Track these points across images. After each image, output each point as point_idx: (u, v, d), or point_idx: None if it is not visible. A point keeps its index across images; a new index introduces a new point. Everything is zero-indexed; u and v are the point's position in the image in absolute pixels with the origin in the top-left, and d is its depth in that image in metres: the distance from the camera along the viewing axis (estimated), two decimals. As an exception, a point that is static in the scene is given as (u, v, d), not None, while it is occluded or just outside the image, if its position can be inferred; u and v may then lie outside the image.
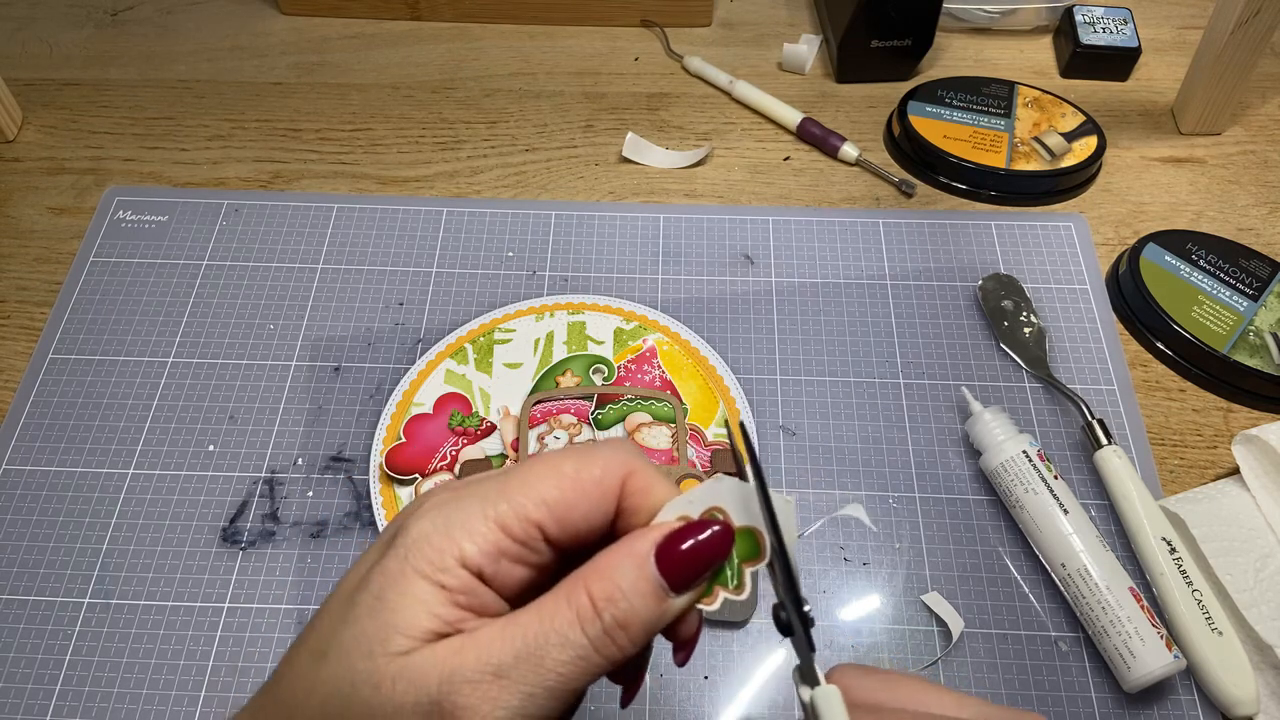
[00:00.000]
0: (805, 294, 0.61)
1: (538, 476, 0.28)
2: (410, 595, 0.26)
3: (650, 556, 0.27)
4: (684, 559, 0.28)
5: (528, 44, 0.77)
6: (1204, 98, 0.69)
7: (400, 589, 0.27)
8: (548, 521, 0.28)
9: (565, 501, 0.28)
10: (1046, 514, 0.49)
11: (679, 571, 0.28)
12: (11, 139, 0.71)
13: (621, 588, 0.27)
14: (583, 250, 0.63)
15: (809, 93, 0.74)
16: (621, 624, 0.27)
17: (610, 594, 0.27)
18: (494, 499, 0.28)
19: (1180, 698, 0.47)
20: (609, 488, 0.29)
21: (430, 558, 0.27)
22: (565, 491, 0.28)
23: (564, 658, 0.26)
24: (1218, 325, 0.58)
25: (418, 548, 0.27)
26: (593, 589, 0.27)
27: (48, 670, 0.48)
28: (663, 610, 0.28)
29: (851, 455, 0.55)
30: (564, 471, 0.28)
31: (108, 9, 0.80)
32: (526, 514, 0.27)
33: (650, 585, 0.27)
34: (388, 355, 0.59)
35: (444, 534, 0.27)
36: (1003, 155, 0.67)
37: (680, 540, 0.28)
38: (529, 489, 0.28)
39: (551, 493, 0.28)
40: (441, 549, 0.27)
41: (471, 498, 0.28)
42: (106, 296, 0.61)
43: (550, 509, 0.28)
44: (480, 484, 0.28)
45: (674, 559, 0.27)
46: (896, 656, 0.49)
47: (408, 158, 0.69)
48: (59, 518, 0.53)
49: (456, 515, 0.27)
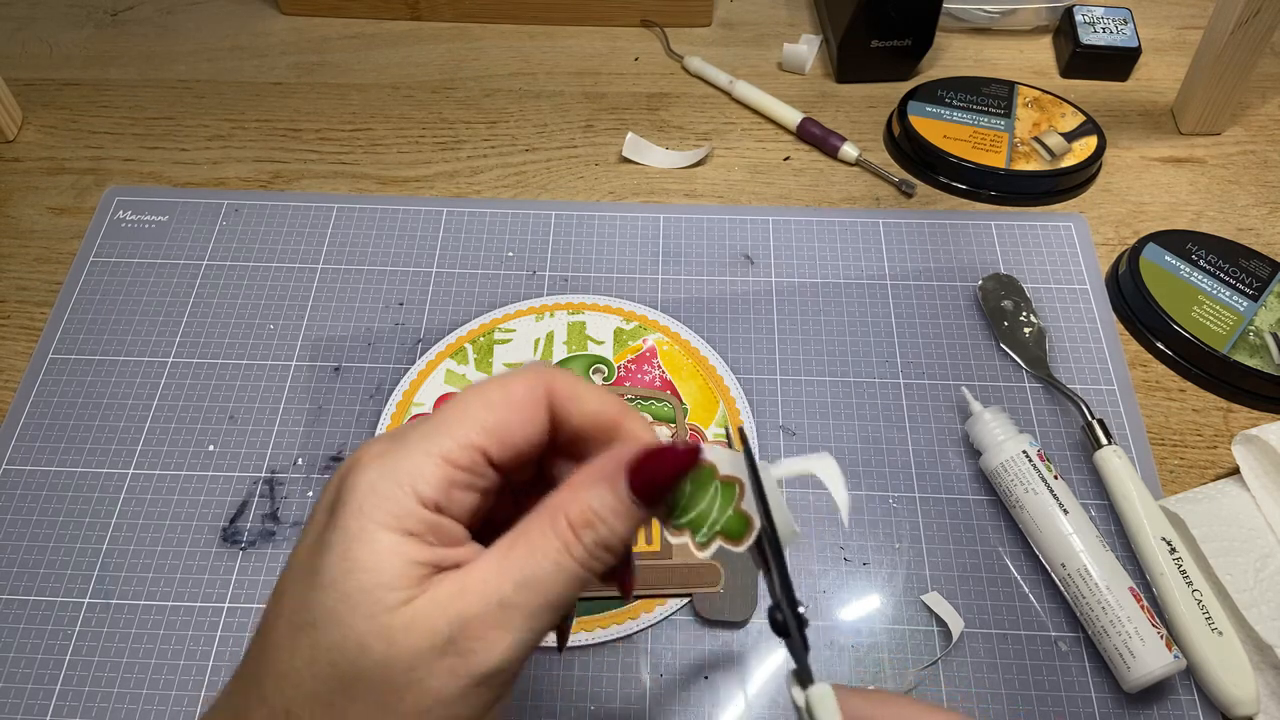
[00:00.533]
0: (805, 294, 0.61)
1: (469, 406, 0.29)
2: (381, 548, 0.27)
3: (621, 474, 0.29)
4: (651, 471, 0.29)
5: (528, 44, 0.77)
6: (1204, 98, 0.69)
7: (368, 545, 0.27)
8: (490, 445, 0.29)
9: (502, 422, 0.29)
10: (1046, 514, 0.49)
11: (648, 485, 0.29)
12: (11, 139, 0.71)
13: (597, 511, 0.28)
14: (583, 250, 0.63)
15: (809, 93, 0.74)
16: (602, 544, 0.28)
17: (587, 518, 0.28)
18: (434, 436, 0.29)
19: (1180, 698, 0.47)
20: (538, 398, 0.30)
21: (387, 508, 0.27)
22: (499, 413, 0.29)
23: (559, 579, 0.28)
24: (1218, 325, 0.58)
25: (371, 501, 0.28)
26: (570, 514, 0.28)
27: (48, 670, 0.48)
28: (635, 522, 0.29)
29: (851, 455, 0.55)
30: (492, 397, 0.29)
31: (108, 9, 0.80)
32: (470, 441, 0.28)
33: (624, 504, 0.29)
34: (388, 355, 0.59)
35: (393, 481, 0.28)
36: (1003, 155, 0.67)
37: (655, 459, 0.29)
38: (466, 419, 0.29)
39: (487, 417, 0.29)
40: (395, 496, 0.28)
41: (410, 441, 0.29)
42: (106, 296, 0.61)
43: (489, 432, 0.29)
44: (414, 428, 0.29)
45: (642, 473, 0.29)
46: (896, 656, 0.49)
47: (408, 158, 0.69)
48: (59, 518, 0.53)
49: (402, 461, 0.28)
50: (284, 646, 0.28)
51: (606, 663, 0.48)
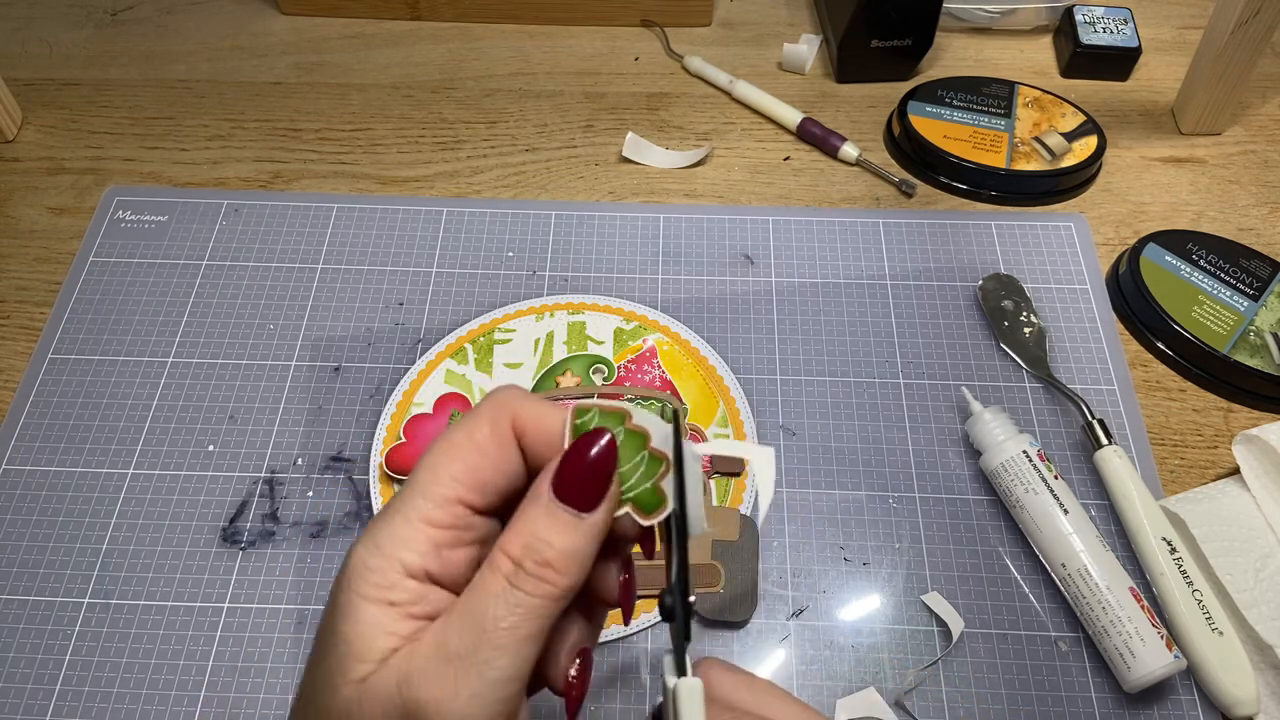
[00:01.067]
0: (805, 294, 0.61)
1: (436, 460, 0.28)
2: (362, 622, 0.27)
3: (548, 492, 0.28)
4: (577, 478, 0.28)
5: (528, 44, 0.77)
6: (1204, 98, 0.69)
7: (351, 619, 0.27)
8: (468, 495, 0.28)
9: (472, 469, 0.28)
10: (1046, 514, 0.49)
11: (577, 492, 0.28)
12: (11, 139, 0.71)
13: (533, 533, 0.27)
14: (583, 250, 0.63)
15: (809, 93, 0.74)
16: (545, 563, 0.27)
17: (525, 542, 0.27)
18: (412, 500, 0.28)
19: (1180, 698, 0.47)
20: (504, 436, 0.29)
21: (373, 580, 0.27)
22: (468, 459, 0.28)
23: (502, 613, 0.27)
24: (1218, 325, 0.58)
25: (359, 575, 0.27)
26: (508, 547, 0.27)
27: (48, 670, 0.48)
28: (583, 533, 0.28)
29: (851, 455, 0.55)
30: (457, 442, 0.29)
31: (108, 9, 0.80)
32: (445, 497, 0.28)
33: (559, 519, 0.28)
34: (388, 355, 0.59)
35: (378, 554, 0.27)
36: (1003, 155, 0.67)
37: (569, 463, 0.28)
38: (436, 474, 0.28)
39: (456, 467, 0.28)
40: (381, 568, 0.27)
41: (391, 511, 0.28)
42: (106, 296, 0.61)
43: (463, 483, 0.28)
44: (397, 494, 0.29)
45: (569, 483, 0.28)
46: (896, 656, 0.49)
47: (408, 158, 0.69)
48: (59, 518, 0.53)
49: (384, 531, 0.28)
50: None
51: (606, 663, 0.48)
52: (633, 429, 0.29)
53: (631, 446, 0.29)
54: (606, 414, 0.30)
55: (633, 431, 0.29)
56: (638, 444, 0.29)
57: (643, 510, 0.29)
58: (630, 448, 0.29)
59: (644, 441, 0.30)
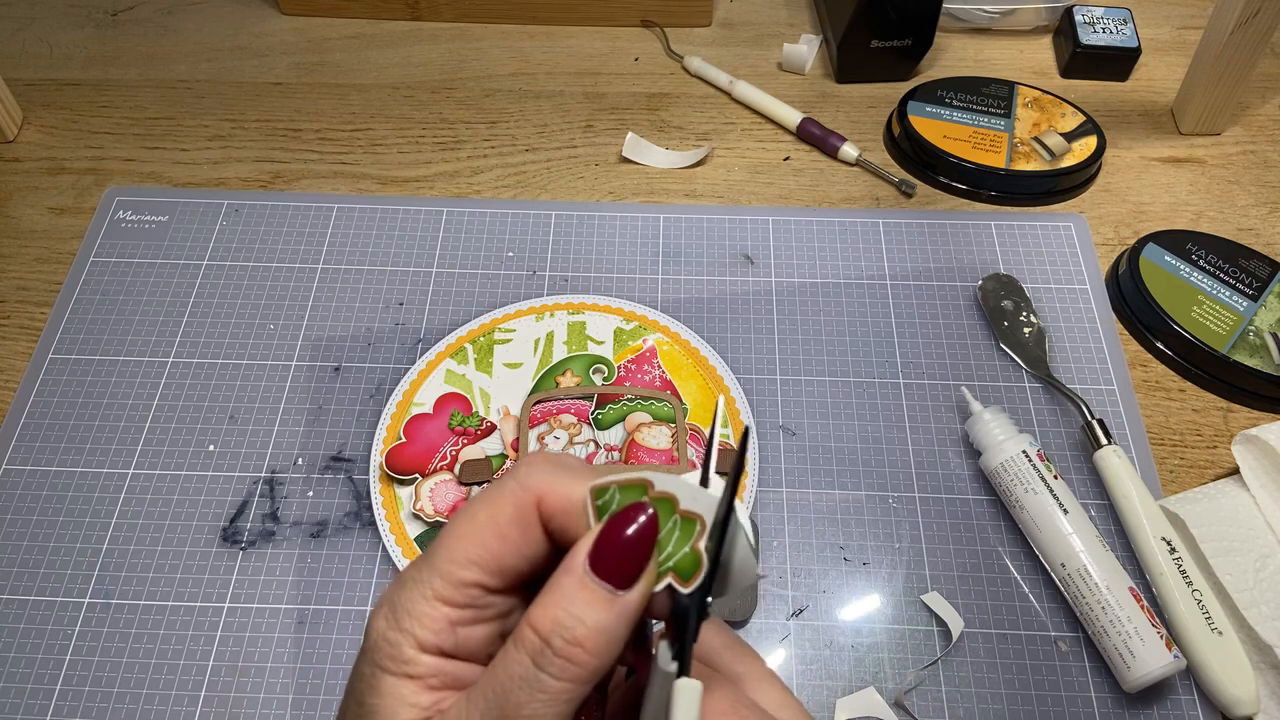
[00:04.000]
0: (805, 294, 0.61)
1: (456, 538, 0.28)
2: (385, 695, 0.27)
3: (583, 564, 0.27)
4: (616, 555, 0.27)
5: (528, 44, 0.77)
6: (1204, 98, 0.69)
7: (376, 691, 0.27)
8: (483, 577, 0.27)
9: (490, 552, 0.27)
10: (1046, 514, 0.49)
11: (616, 569, 0.27)
12: (11, 139, 0.71)
13: (564, 607, 0.26)
14: (583, 250, 0.63)
15: (809, 93, 0.74)
16: (574, 642, 0.26)
17: (555, 618, 0.26)
18: (426, 577, 0.27)
19: (1180, 698, 0.47)
20: (527, 520, 0.28)
21: (390, 654, 0.27)
22: (487, 543, 0.27)
23: (528, 699, 0.26)
24: (1218, 325, 0.58)
25: (378, 648, 0.27)
26: (536, 622, 0.26)
27: (48, 670, 0.48)
28: (618, 610, 0.27)
29: (851, 455, 0.55)
30: (478, 521, 0.28)
31: (108, 9, 0.80)
32: (459, 579, 0.27)
33: (594, 594, 0.26)
34: (388, 355, 0.59)
35: (395, 628, 0.27)
36: (1003, 155, 0.67)
37: (607, 539, 0.27)
38: (453, 554, 0.27)
39: (473, 549, 0.27)
40: (397, 642, 0.27)
41: (409, 581, 0.28)
42: (106, 296, 0.61)
43: (480, 565, 0.27)
44: (414, 564, 0.28)
45: (606, 560, 0.27)
46: (896, 656, 0.49)
47: (408, 158, 0.69)
48: (59, 518, 0.53)
49: (401, 603, 0.27)
50: None
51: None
52: (658, 496, 0.28)
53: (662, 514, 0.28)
54: (627, 489, 0.28)
55: (660, 499, 0.28)
56: (667, 510, 0.28)
57: (683, 577, 0.28)
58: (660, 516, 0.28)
59: (673, 506, 0.28)
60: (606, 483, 0.28)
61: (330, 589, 0.51)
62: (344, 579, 0.51)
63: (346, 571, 0.51)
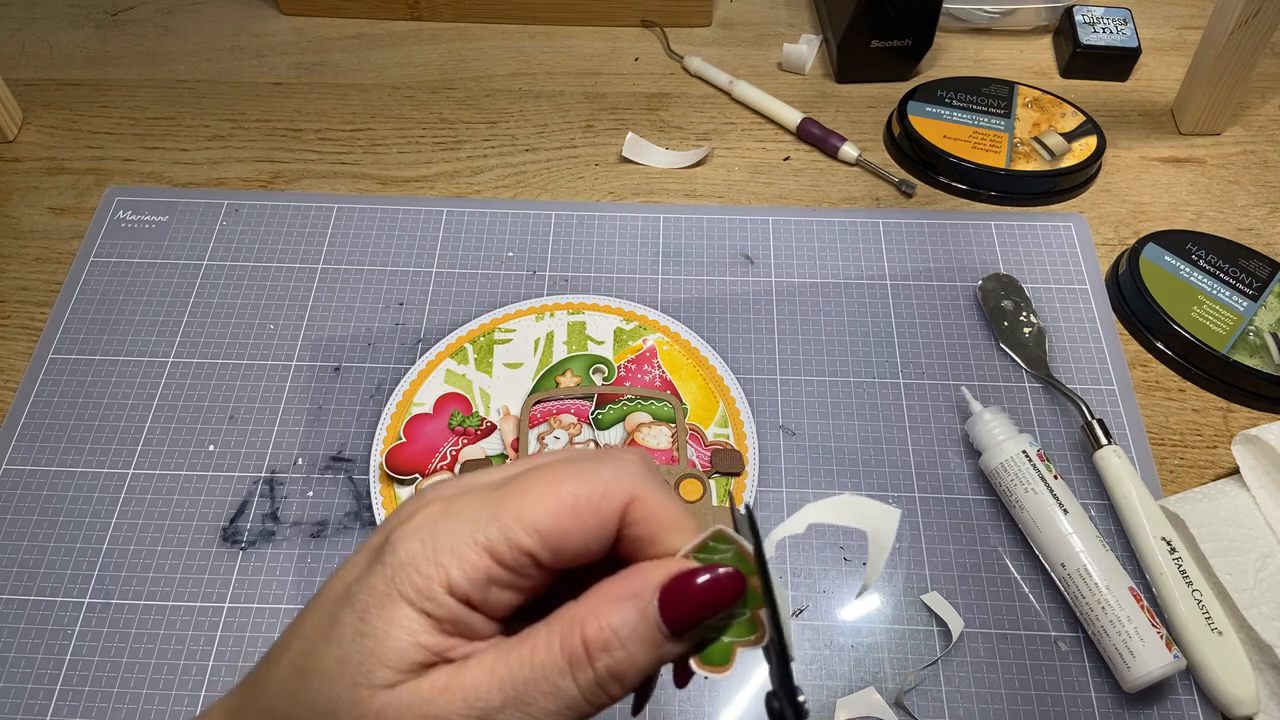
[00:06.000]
0: (805, 294, 0.61)
1: (533, 498, 0.26)
2: (395, 622, 0.25)
3: (653, 598, 0.26)
4: (691, 601, 0.26)
5: (528, 44, 0.77)
6: (1204, 98, 0.69)
7: (386, 614, 0.25)
8: (540, 550, 0.26)
9: (560, 529, 0.26)
10: (1046, 514, 0.49)
11: (683, 616, 0.26)
12: (11, 139, 0.71)
13: (619, 633, 0.25)
14: (583, 250, 0.63)
15: (809, 93, 0.74)
16: (615, 674, 0.25)
17: (606, 640, 0.25)
18: (484, 521, 0.26)
19: (1180, 698, 0.47)
20: (608, 515, 0.27)
21: (417, 583, 0.25)
22: (561, 519, 0.26)
23: (551, 707, 0.25)
24: (1218, 325, 0.58)
25: (405, 571, 0.26)
26: (588, 633, 0.25)
27: (48, 670, 0.48)
28: (659, 656, 0.26)
29: (851, 455, 0.55)
30: (561, 494, 0.26)
31: (108, 9, 0.80)
32: (518, 541, 0.26)
33: (649, 629, 0.25)
34: (388, 355, 0.59)
35: (431, 559, 0.26)
36: (1003, 155, 0.67)
37: (688, 582, 0.26)
38: (523, 512, 0.26)
39: (545, 520, 0.26)
40: (429, 575, 0.25)
41: (462, 516, 0.26)
42: (106, 296, 0.61)
43: (543, 537, 0.26)
44: (473, 497, 0.27)
45: (680, 602, 0.26)
46: (896, 656, 0.49)
47: (408, 158, 0.69)
48: (59, 518, 0.53)
49: (445, 537, 0.26)
50: (281, 683, 0.27)
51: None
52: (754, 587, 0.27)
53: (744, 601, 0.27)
54: (743, 558, 0.27)
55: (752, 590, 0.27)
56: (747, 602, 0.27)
57: (705, 662, 0.27)
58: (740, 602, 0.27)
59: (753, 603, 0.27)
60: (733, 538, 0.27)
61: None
62: (344, 579, 0.51)
63: (346, 571, 0.51)
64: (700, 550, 0.27)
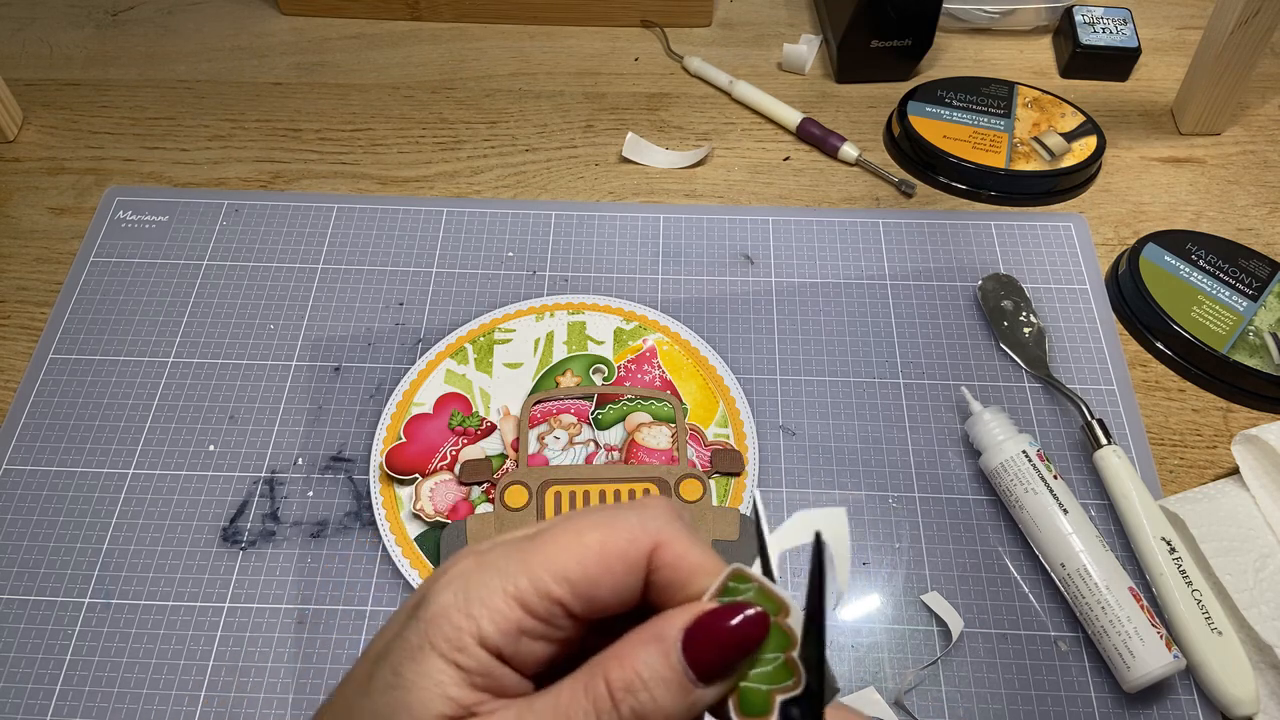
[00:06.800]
0: (805, 294, 0.61)
1: (560, 547, 0.26)
2: (426, 675, 0.25)
3: (677, 642, 0.25)
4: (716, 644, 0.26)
5: (528, 44, 0.77)
6: (1204, 98, 0.69)
7: (417, 667, 0.26)
8: (569, 598, 0.26)
9: (588, 577, 0.26)
10: (1046, 514, 0.49)
11: (709, 659, 0.25)
12: (11, 139, 0.71)
13: (643, 676, 0.25)
14: (583, 250, 0.63)
15: (809, 93, 0.74)
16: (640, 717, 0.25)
17: (630, 682, 0.25)
18: (514, 572, 0.26)
19: (1180, 698, 0.48)
20: (634, 561, 0.27)
21: (448, 635, 0.26)
22: (588, 566, 0.26)
23: None
24: (1217, 325, 0.58)
25: (436, 623, 0.26)
26: (611, 677, 0.25)
27: (48, 670, 0.48)
28: (689, 703, 0.26)
29: (851, 455, 0.55)
30: (588, 541, 0.26)
31: (108, 9, 0.80)
32: (547, 591, 0.26)
33: (675, 674, 0.25)
34: (388, 355, 0.59)
35: (463, 610, 0.26)
36: (1002, 155, 0.67)
37: (712, 623, 0.26)
38: (550, 561, 0.26)
39: (573, 568, 0.26)
40: (460, 626, 0.26)
41: (492, 568, 0.26)
42: (106, 296, 0.61)
43: (572, 585, 0.26)
44: (504, 549, 0.27)
45: (704, 644, 0.25)
46: (896, 656, 0.49)
47: (408, 158, 0.69)
48: (59, 518, 0.53)
49: (476, 590, 0.26)
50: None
51: None
52: (783, 627, 0.26)
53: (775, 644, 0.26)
54: (766, 595, 0.27)
55: (781, 629, 0.26)
56: (781, 644, 0.26)
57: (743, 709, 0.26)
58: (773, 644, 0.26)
59: (787, 644, 0.26)
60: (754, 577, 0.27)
61: (330, 589, 0.51)
62: (344, 579, 0.51)
63: (346, 571, 0.51)
64: (722, 593, 0.27)
